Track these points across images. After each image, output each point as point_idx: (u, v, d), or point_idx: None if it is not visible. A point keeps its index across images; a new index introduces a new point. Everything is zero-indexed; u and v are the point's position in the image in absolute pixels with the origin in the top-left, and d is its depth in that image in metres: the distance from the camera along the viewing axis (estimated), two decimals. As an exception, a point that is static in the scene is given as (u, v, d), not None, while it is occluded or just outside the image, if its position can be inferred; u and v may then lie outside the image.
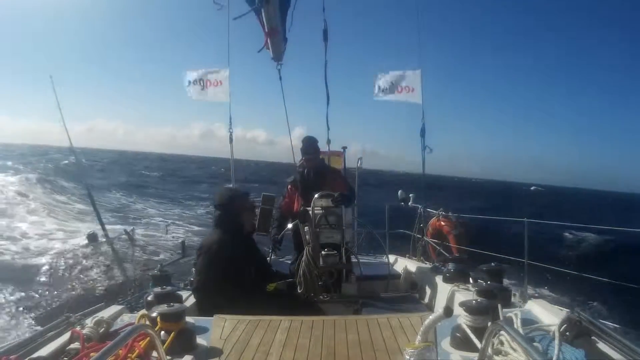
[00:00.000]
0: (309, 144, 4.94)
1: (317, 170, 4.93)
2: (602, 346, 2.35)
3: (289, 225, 4.98)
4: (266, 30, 3.76)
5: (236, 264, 3.69)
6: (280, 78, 4.36)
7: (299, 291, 4.33)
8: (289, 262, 5.38)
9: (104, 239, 4.74)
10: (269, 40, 3.91)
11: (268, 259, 5.47)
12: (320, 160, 5.17)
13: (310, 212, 4.41)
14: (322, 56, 5.66)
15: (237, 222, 3.87)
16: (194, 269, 4.60)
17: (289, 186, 5.17)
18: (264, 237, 5.92)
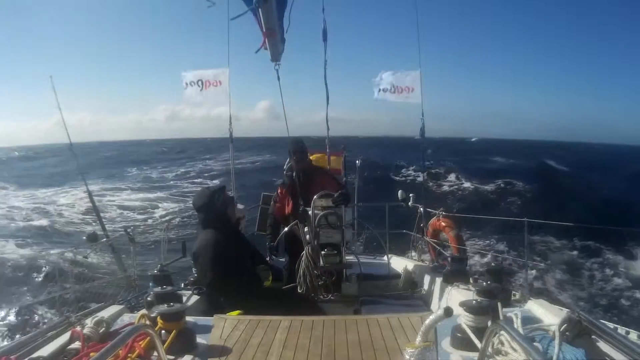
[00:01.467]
0: (297, 146, 4.90)
1: (305, 171, 4.92)
2: (603, 346, 2.35)
3: (285, 229, 4.97)
4: (264, 30, 3.75)
5: (234, 257, 3.73)
6: (279, 78, 4.35)
7: (299, 291, 4.33)
8: (283, 261, 5.37)
9: (104, 239, 4.73)
10: (266, 41, 3.90)
11: (268, 259, 5.48)
12: (308, 161, 5.16)
13: (310, 212, 4.40)
14: (322, 56, 5.66)
15: (223, 218, 3.86)
16: (194, 268, 4.62)
17: (279, 189, 5.15)
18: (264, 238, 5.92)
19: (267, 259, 5.42)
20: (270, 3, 3.49)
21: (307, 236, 4.39)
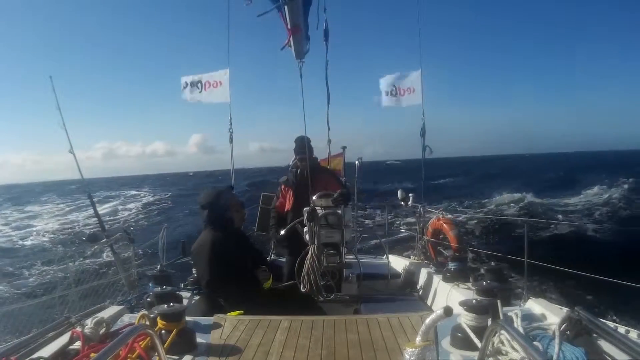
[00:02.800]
0: (302, 144, 4.92)
1: (310, 170, 4.92)
2: (603, 345, 2.35)
3: (291, 224, 4.93)
4: (289, 28, 3.72)
5: (234, 258, 3.72)
6: (301, 76, 4.32)
7: (302, 290, 4.33)
8: (283, 260, 5.36)
9: (104, 239, 4.73)
10: (291, 38, 3.87)
11: (268, 259, 5.48)
12: (314, 159, 5.15)
13: (318, 211, 4.38)
14: (324, 56, 5.66)
15: (226, 218, 3.88)
16: (194, 268, 4.61)
17: (282, 186, 5.15)
18: (264, 237, 5.92)
19: (271, 254, 5.43)
20: (295, 0, 3.47)
21: (313, 234, 4.37)
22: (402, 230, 6.97)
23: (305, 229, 4.38)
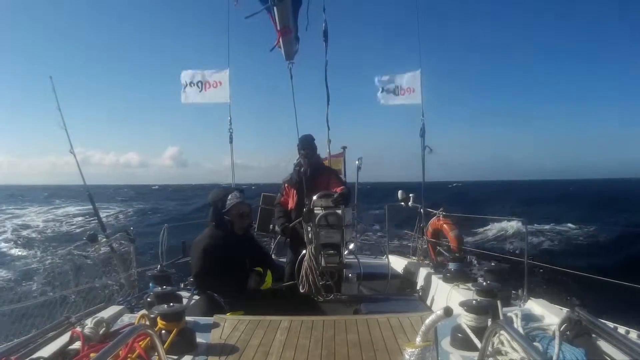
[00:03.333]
0: (306, 142, 4.91)
1: (314, 168, 4.90)
2: (603, 345, 2.35)
3: (296, 221, 4.91)
4: (278, 29, 3.73)
5: (225, 257, 3.79)
6: (291, 77, 4.33)
7: (302, 291, 4.33)
8: (284, 260, 5.35)
9: (104, 239, 4.73)
10: (280, 39, 3.87)
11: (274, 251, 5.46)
12: (317, 157, 5.15)
13: (316, 211, 4.38)
14: (323, 56, 5.66)
15: (223, 219, 3.94)
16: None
17: (285, 185, 5.14)
18: (264, 237, 5.92)
19: (271, 254, 5.42)
20: (286, 1, 3.47)
21: (310, 235, 4.37)
22: (402, 231, 6.94)
23: (309, 228, 4.38)
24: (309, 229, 4.34)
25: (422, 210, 6.61)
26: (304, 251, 4.45)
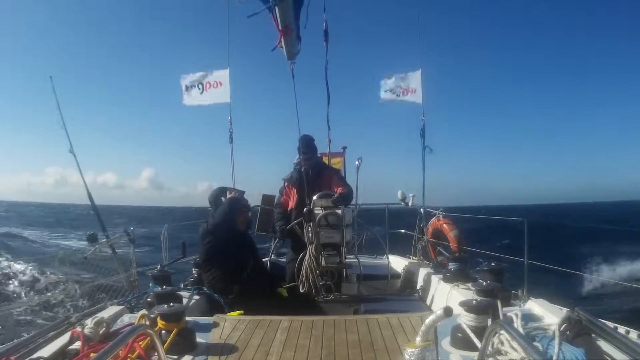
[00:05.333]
0: (307, 143, 4.90)
1: (314, 168, 4.90)
2: (603, 345, 2.35)
3: (295, 222, 4.91)
4: (280, 28, 3.74)
5: (232, 249, 4.07)
6: (293, 77, 4.34)
7: (302, 291, 4.33)
8: (284, 261, 5.34)
9: (104, 239, 4.72)
10: (282, 39, 3.88)
11: (267, 258, 5.47)
12: (318, 158, 5.14)
13: (315, 211, 4.38)
14: (323, 56, 5.66)
15: (230, 217, 4.15)
16: (193, 269, 4.62)
17: (285, 183, 5.13)
18: (264, 236, 5.91)
19: (271, 254, 5.45)
20: (287, 0, 3.48)
21: (310, 235, 4.37)
22: (402, 231, 6.94)
23: (309, 228, 4.38)
24: (310, 228, 4.34)
25: (422, 210, 6.61)
26: (305, 251, 4.45)
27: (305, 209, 4.33)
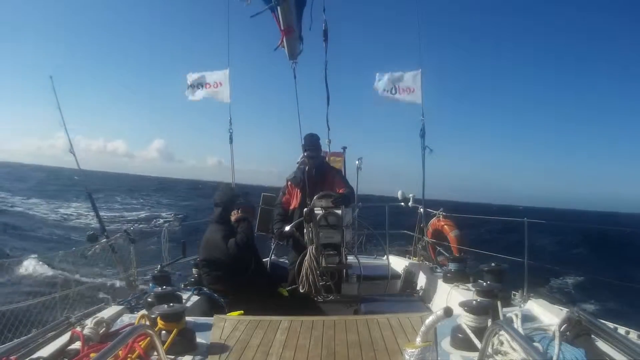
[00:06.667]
0: (311, 142, 4.87)
1: (318, 168, 4.87)
2: (602, 345, 2.35)
3: (296, 220, 4.88)
4: (282, 28, 3.74)
5: (220, 249, 4.00)
6: (295, 77, 4.35)
7: (301, 291, 4.33)
8: (286, 261, 5.33)
9: (104, 239, 4.72)
10: (284, 39, 3.90)
11: (267, 259, 5.47)
12: (322, 157, 5.12)
13: (316, 211, 4.37)
14: (323, 56, 5.66)
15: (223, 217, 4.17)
16: (194, 269, 4.61)
17: (288, 183, 5.09)
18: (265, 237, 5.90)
19: (271, 254, 5.46)
20: (289, 1, 3.50)
21: (311, 235, 4.36)
22: (403, 231, 6.94)
23: (310, 228, 4.37)
24: (310, 229, 4.33)
25: (422, 210, 6.60)
26: (305, 252, 4.45)
27: (305, 209, 4.31)
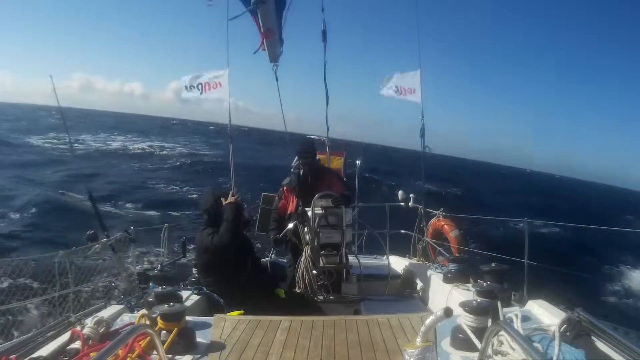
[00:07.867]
0: (306, 146, 4.88)
1: (313, 171, 4.88)
2: (602, 346, 2.35)
3: (290, 225, 4.90)
4: (262, 31, 3.75)
5: (233, 253, 3.93)
6: (277, 79, 4.34)
7: (297, 290, 4.34)
8: (285, 261, 5.34)
9: (104, 239, 4.72)
10: (264, 42, 3.90)
11: (267, 259, 5.47)
12: (317, 161, 5.13)
13: (310, 212, 4.39)
14: (322, 56, 5.66)
15: (238, 233, 4.03)
16: (194, 269, 4.62)
17: (284, 188, 5.10)
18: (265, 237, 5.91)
19: (271, 255, 5.45)
20: (268, 3, 3.50)
21: (307, 236, 4.37)
22: (403, 231, 6.93)
23: (306, 229, 4.38)
24: (305, 229, 4.34)
25: (422, 210, 6.61)
26: (302, 252, 4.46)
27: (299, 209, 4.31)
